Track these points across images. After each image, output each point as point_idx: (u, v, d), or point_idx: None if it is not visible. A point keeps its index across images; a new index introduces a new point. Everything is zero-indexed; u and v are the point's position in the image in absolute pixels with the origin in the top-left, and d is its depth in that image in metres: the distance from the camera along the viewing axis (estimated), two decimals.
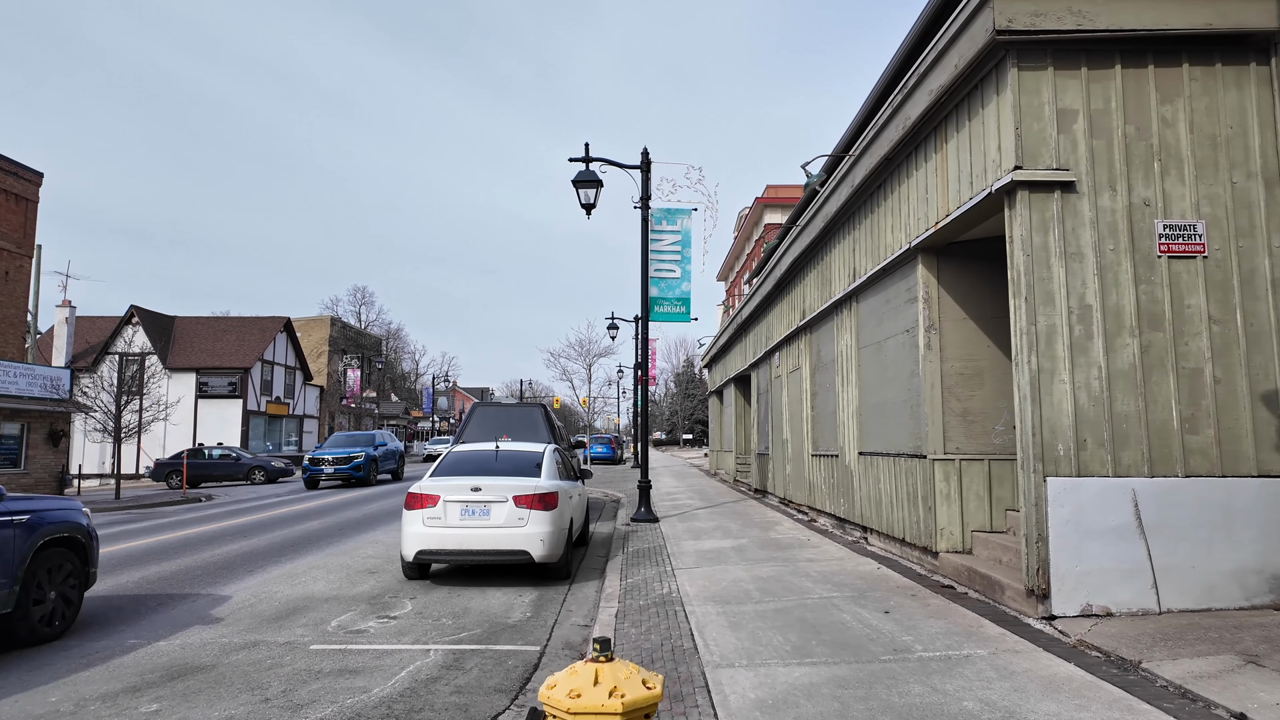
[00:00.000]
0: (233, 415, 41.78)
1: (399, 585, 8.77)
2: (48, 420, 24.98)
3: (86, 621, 7.13)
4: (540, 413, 14.92)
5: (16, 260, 24.62)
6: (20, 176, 24.71)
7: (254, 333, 44.84)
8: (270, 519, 16.06)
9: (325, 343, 54.05)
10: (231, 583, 8.99)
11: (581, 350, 52.49)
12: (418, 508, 8.64)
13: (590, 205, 13.74)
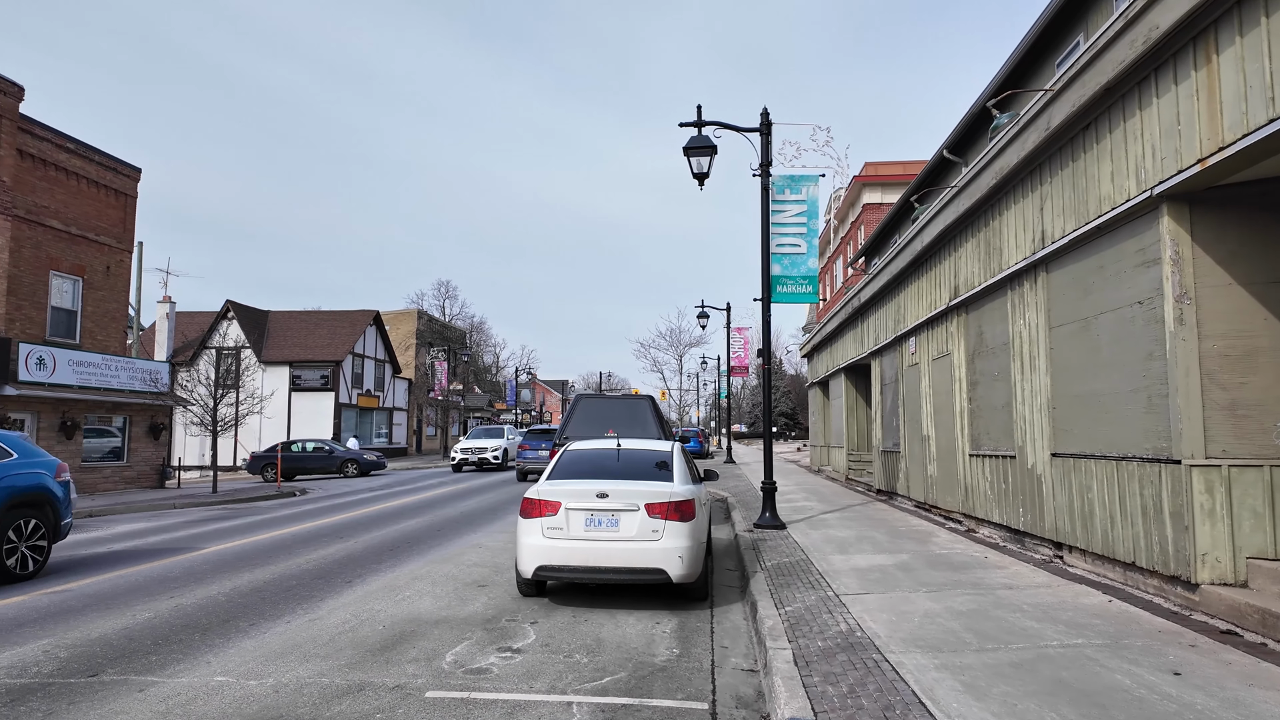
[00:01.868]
0: (325, 408, 42.22)
1: (514, 604, 7.61)
2: (149, 413, 25.24)
3: (170, 645, 6.19)
4: (648, 405, 13.66)
5: (117, 255, 24.90)
6: (119, 172, 24.95)
7: (344, 326, 45.26)
8: (366, 517, 15.34)
9: (413, 336, 54.40)
10: (329, 596, 8.01)
11: (672, 340, 50.94)
12: (535, 515, 7.45)
13: (704, 174, 12.36)
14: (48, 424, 21.46)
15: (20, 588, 8.78)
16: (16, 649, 6.18)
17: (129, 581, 8.98)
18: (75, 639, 6.45)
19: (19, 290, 21.00)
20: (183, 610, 7.45)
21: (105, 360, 23.10)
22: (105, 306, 24.39)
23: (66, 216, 22.81)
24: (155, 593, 8.30)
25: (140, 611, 7.41)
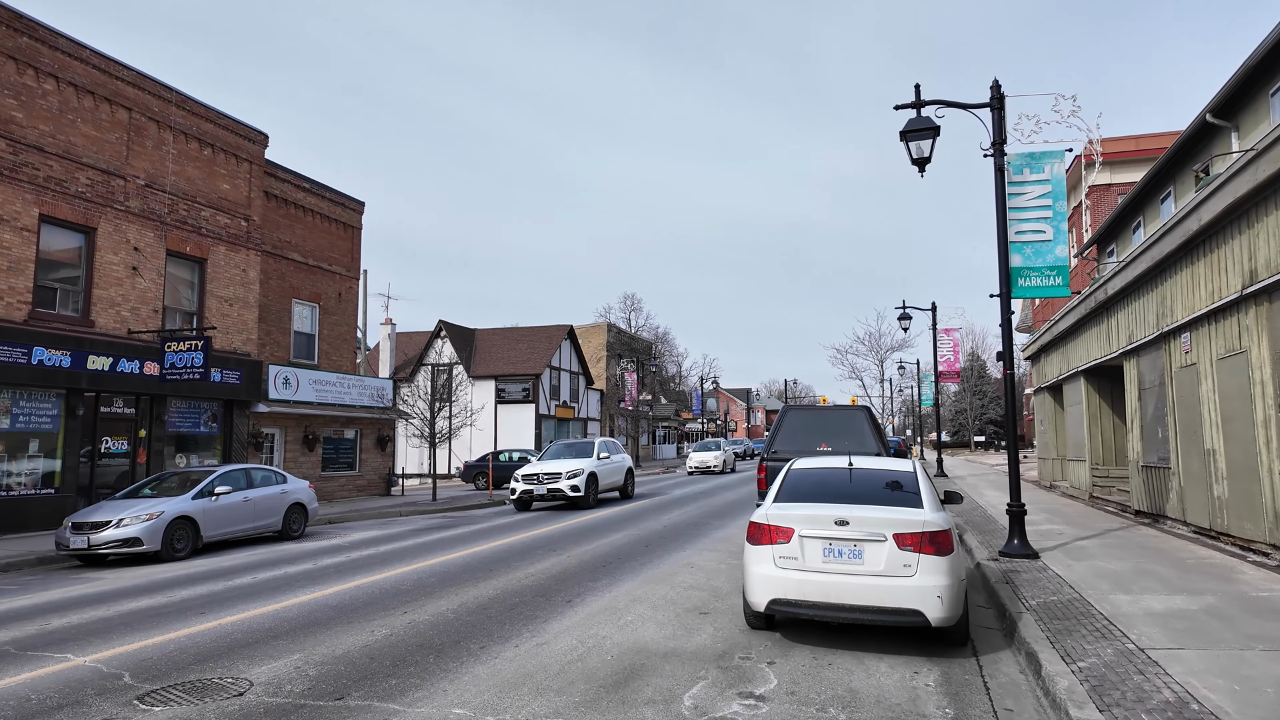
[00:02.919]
0: (526, 419, 44.20)
1: (744, 638, 6.99)
2: (376, 426, 27.40)
3: (407, 667, 6.16)
4: (865, 416, 12.59)
5: (346, 282, 27.31)
6: (346, 206, 27.39)
7: (542, 341, 47.27)
8: (573, 529, 15.42)
9: (603, 348, 55.88)
10: (552, 618, 7.80)
11: (871, 345, 47.73)
12: (765, 542, 6.79)
13: (925, 159, 11.18)
14: (293, 437, 23.81)
15: (278, 594, 9.38)
16: (273, 663, 6.41)
17: (366, 593, 9.33)
18: (322, 655, 6.61)
19: (268, 317, 23.49)
20: (416, 628, 7.52)
21: (339, 379, 25.33)
22: (337, 330, 26.79)
23: (304, 249, 25.31)
24: (390, 607, 8.52)
25: (378, 627, 7.56)
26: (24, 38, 16.37)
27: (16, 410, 16.17)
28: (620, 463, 22.07)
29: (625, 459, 22.69)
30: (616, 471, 21.70)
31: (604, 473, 20.73)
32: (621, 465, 22.19)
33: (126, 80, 18.54)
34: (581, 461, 20.07)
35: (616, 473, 21.68)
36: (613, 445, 22.30)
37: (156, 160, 19.29)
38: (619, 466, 21.92)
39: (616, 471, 21.70)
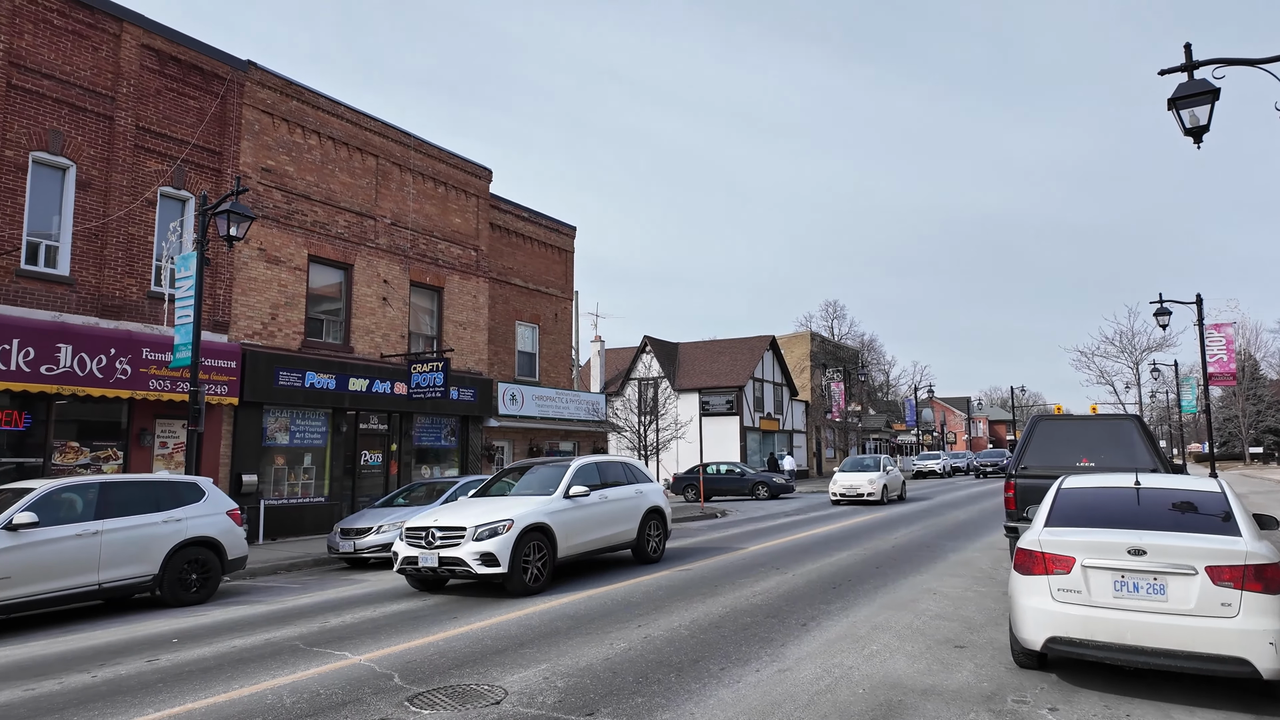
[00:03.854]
0: (731, 431, 44.07)
1: (1012, 677, 6.22)
2: (591, 439, 28.47)
3: (650, 684, 6.08)
4: (1135, 427, 11.02)
5: (561, 304, 28.71)
6: (560, 232, 28.84)
7: (744, 353, 47.01)
8: (793, 545, 14.92)
9: (806, 358, 54.55)
10: (790, 642, 7.44)
11: (1123, 345, 41.93)
12: (1039, 572, 6.00)
13: (1201, 128, 9.63)
14: (520, 449, 25.31)
15: (518, 602, 9.80)
16: (523, 671, 6.60)
17: (598, 604, 9.50)
18: (567, 666, 6.72)
19: (495, 339, 25.21)
20: (652, 643, 7.47)
21: (558, 394, 26.62)
22: (555, 348, 28.22)
23: (525, 274, 26.94)
24: (623, 619, 8.58)
25: (616, 640, 7.60)
26: (293, 101, 18.82)
27: (294, 428, 18.50)
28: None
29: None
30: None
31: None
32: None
33: (374, 130, 20.76)
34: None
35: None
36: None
37: (400, 200, 21.40)
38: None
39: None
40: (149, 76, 16.03)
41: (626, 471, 13.31)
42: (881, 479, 25.55)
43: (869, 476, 25.57)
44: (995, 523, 18.76)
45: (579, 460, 12.20)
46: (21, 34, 14.16)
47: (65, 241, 14.62)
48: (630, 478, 13.21)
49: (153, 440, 15.52)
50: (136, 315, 15.44)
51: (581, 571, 12.30)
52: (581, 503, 11.46)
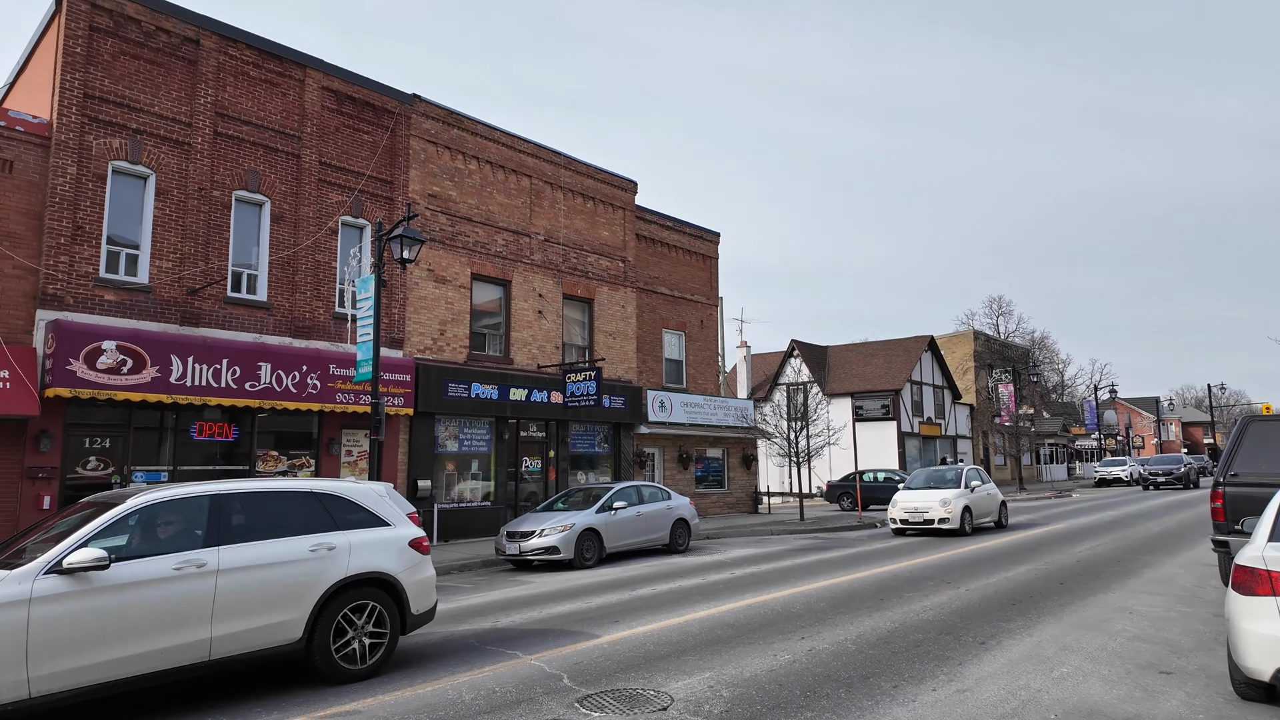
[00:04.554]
0: (887, 437, 42.35)
1: (1233, 710, 5.54)
2: (741, 446, 28.25)
3: (818, 700, 5.90)
4: None
5: (706, 310, 28.73)
6: (704, 239, 28.90)
7: (899, 355, 45.08)
8: (964, 558, 14.08)
9: (970, 358, 51.50)
10: (968, 661, 7.00)
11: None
12: (1264, 593, 5.31)
13: None
14: (669, 456, 25.53)
15: (677, 607, 9.86)
16: (688, 679, 6.61)
17: (758, 613, 9.36)
18: (732, 676, 6.66)
19: (643, 348, 25.59)
20: (818, 656, 7.26)
21: (706, 400, 26.64)
22: (701, 355, 28.27)
23: (670, 282, 27.20)
24: (785, 630, 8.41)
25: (779, 651, 7.46)
26: (454, 129, 20.02)
27: (462, 436, 19.59)
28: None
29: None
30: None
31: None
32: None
33: (527, 152, 21.70)
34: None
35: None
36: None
37: (552, 217, 22.23)
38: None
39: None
40: (329, 115, 17.58)
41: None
42: (961, 499, 18.29)
43: (942, 496, 18.30)
44: (1194, 536, 16.87)
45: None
46: (224, 86, 15.95)
47: (263, 270, 16.27)
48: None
49: (340, 449, 16.93)
50: (323, 335, 16.93)
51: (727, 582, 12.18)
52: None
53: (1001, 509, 20.16)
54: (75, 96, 13.94)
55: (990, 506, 19.63)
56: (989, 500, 19.60)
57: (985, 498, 19.41)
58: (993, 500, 19.80)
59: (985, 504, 19.36)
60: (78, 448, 13.64)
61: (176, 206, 15.06)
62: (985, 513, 19.36)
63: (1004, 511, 20.28)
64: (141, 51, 14.85)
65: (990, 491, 19.77)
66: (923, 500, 18.38)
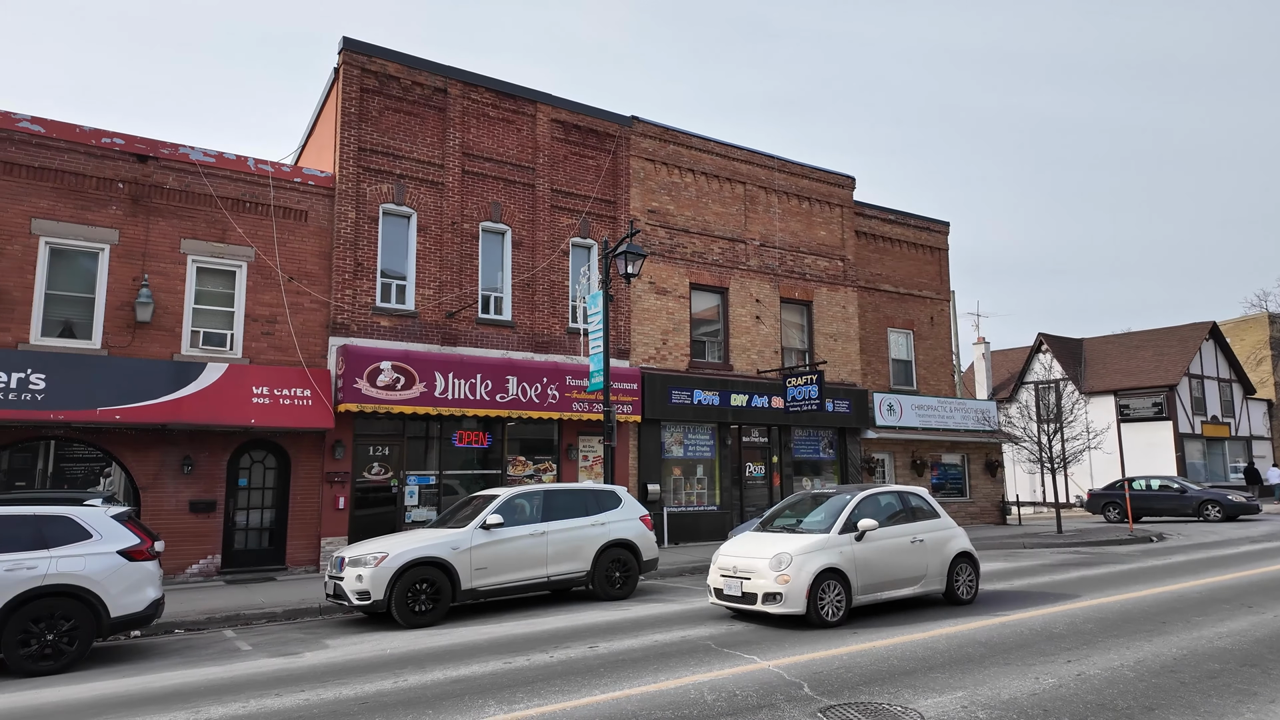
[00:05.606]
0: (1161, 439, 37.20)
1: None
2: (983, 451, 26.22)
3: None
4: None
5: (937, 306, 27.04)
6: (931, 230, 27.26)
7: (1172, 345, 39.47)
8: (1268, 578, 12.01)
9: (1265, 345, 43.84)
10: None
11: None
12: None
13: None
14: (901, 463, 24.31)
15: (920, 623, 9.36)
16: (937, 697, 6.25)
17: (1014, 631, 8.64)
18: (987, 697, 6.20)
19: (867, 349, 24.65)
20: (1089, 682, 6.55)
21: (939, 403, 25.06)
22: (932, 354, 26.65)
23: (894, 279, 25.97)
24: (1048, 651, 7.67)
25: (1042, 674, 6.83)
26: (670, 145, 20.65)
27: (687, 441, 20.07)
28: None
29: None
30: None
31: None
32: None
33: (740, 159, 21.84)
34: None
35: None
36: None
37: (766, 221, 22.16)
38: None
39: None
40: (557, 145, 18.88)
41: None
42: (818, 555, 9.46)
43: (779, 550, 9.52)
44: None
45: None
46: (469, 128, 17.69)
47: (506, 292, 17.79)
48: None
49: (577, 454, 18.04)
50: (559, 348, 18.16)
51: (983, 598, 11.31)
52: None
53: (959, 568, 10.74)
54: (352, 150, 16.17)
55: (909, 565, 10.28)
56: (905, 555, 10.25)
57: (892, 550, 10.14)
58: (918, 554, 10.38)
59: (891, 561, 10.09)
60: (364, 455, 15.74)
61: (434, 240, 16.93)
62: (893, 577, 10.09)
63: (964, 573, 10.78)
64: (401, 105, 16.90)
65: (911, 538, 10.41)
66: (747, 556, 9.72)
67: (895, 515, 10.47)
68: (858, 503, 10.18)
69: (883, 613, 10.10)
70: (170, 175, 14.53)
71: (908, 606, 10.51)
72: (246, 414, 13.82)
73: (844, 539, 9.67)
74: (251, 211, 15.24)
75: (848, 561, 9.53)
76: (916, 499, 10.95)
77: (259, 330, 15.05)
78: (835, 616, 9.19)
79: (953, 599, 10.58)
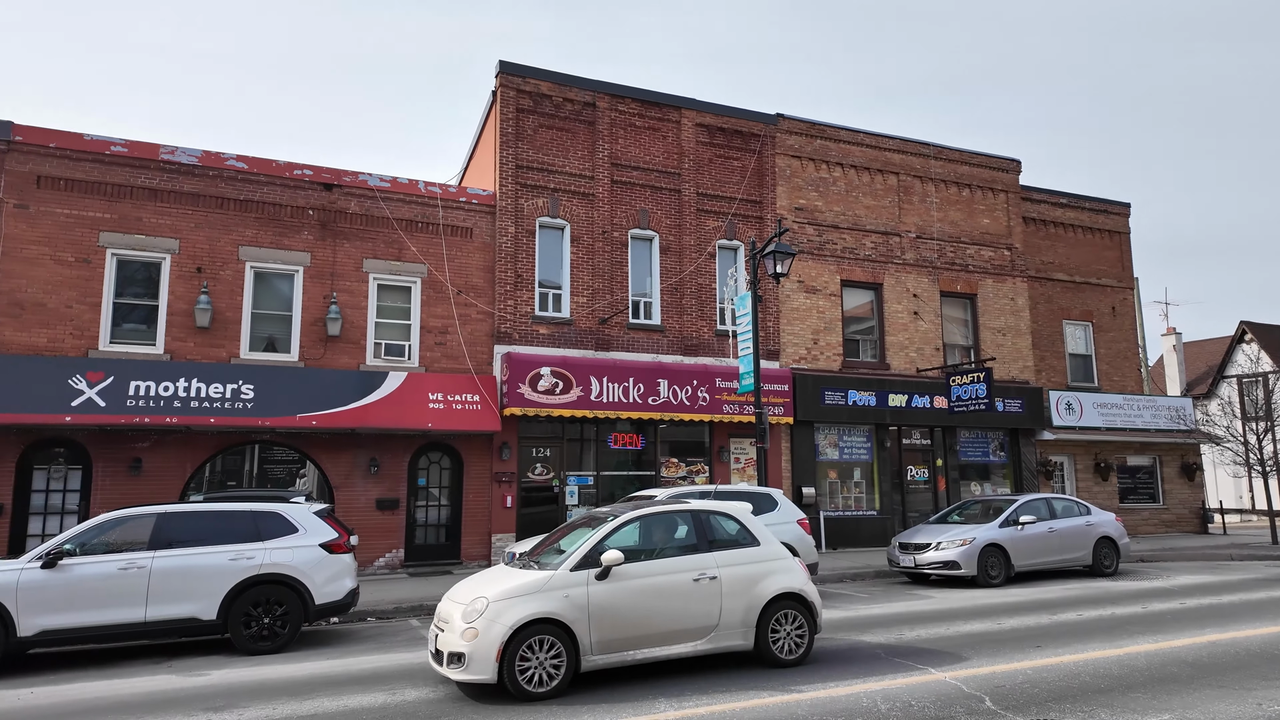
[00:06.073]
0: None
1: None
2: (1178, 452, 23.77)
3: None
4: None
5: (1119, 295, 24.79)
6: (1109, 213, 25.03)
7: None
8: None
9: None
10: None
11: None
12: None
13: None
14: (1083, 465, 22.47)
15: (1112, 637, 8.64)
16: (1135, 717, 5.74)
17: (1224, 652, 7.78)
18: None
19: (1040, 343, 22.97)
20: None
21: (1125, 400, 22.96)
22: (1115, 347, 24.46)
23: (1068, 267, 24.06)
24: (1270, 676, 6.85)
25: (1267, 700, 6.11)
26: (817, 140, 20.22)
27: (841, 443, 19.53)
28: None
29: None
30: None
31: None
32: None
33: (891, 149, 21.03)
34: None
35: None
36: None
37: (922, 212, 21.20)
38: None
39: None
40: (702, 149, 18.97)
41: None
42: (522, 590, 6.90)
43: (478, 593, 7.04)
44: None
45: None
46: (617, 139, 18.13)
47: (655, 297, 18.07)
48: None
49: (729, 456, 18.02)
50: (708, 351, 18.22)
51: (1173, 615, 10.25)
52: None
53: (781, 616, 7.64)
54: (510, 168, 17.01)
55: (688, 612, 7.28)
56: (680, 599, 7.27)
57: (659, 592, 7.20)
58: (704, 597, 7.35)
59: (654, 608, 7.15)
60: (527, 456, 16.48)
61: (586, 249, 17.48)
62: (659, 629, 7.14)
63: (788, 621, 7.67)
64: (553, 121, 17.59)
65: (696, 575, 7.39)
66: (452, 599, 7.27)
67: (678, 545, 7.58)
68: (614, 529, 7.36)
69: (1077, 633, 9.38)
70: (352, 201, 15.88)
71: (1107, 622, 9.70)
72: (424, 418, 14.85)
73: (577, 578, 6.90)
74: (423, 231, 16.38)
75: (575, 609, 6.76)
76: (723, 521, 7.89)
77: (432, 341, 16.13)
78: (545, 687, 6.54)
79: (766, 658, 7.43)
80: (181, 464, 14.15)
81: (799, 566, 7.95)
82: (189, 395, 13.56)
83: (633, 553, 7.28)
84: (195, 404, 13.53)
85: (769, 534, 8.04)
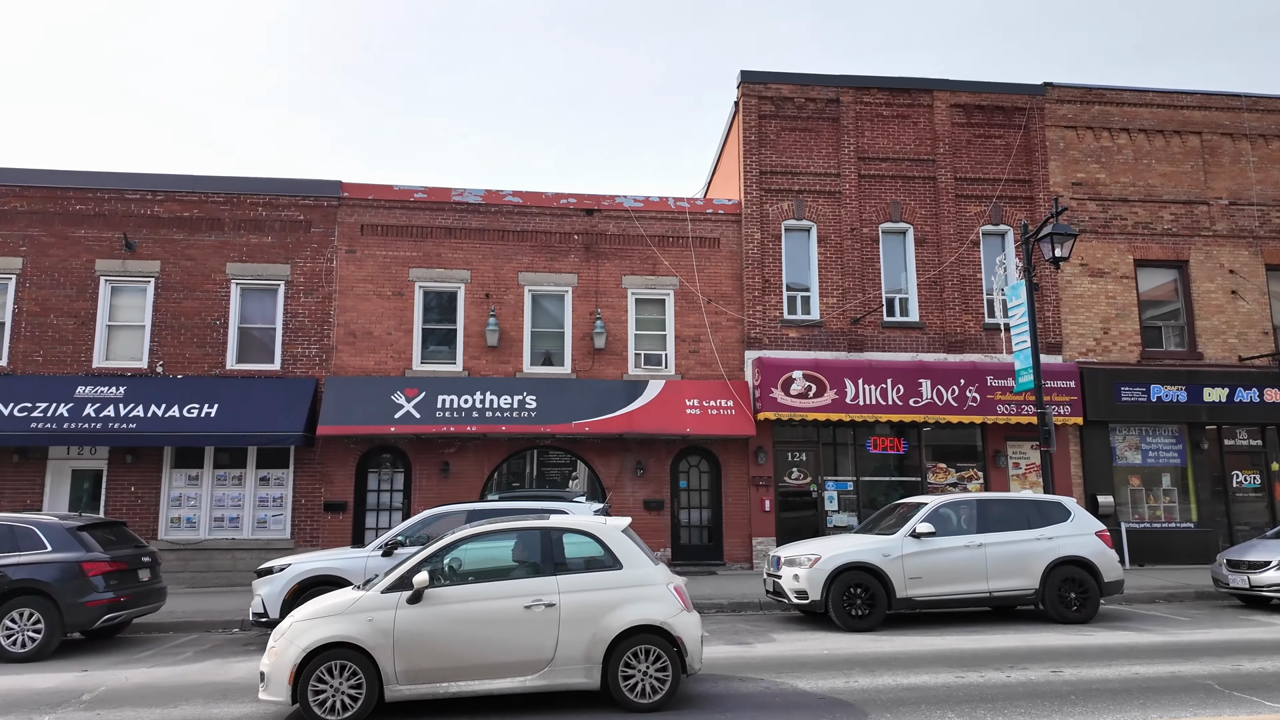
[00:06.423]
0: None
1: None
2: None
3: None
4: None
5: None
6: None
7: None
8: None
9: None
10: None
11: None
12: None
13: None
14: None
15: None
16: None
17: None
18: None
19: None
20: None
21: None
22: None
23: None
24: None
25: None
26: (1095, 106, 18.04)
27: (1144, 446, 17.15)
28: None
29: None
30: None
31: None
32: None
33: (1191, 105, 18.18)
34: None
35: None
36: None
37: (1236, 175, 18.08)
38: None
39: None
40: (958, 131, 17.75)
41: None
42: (324, 613, 6.44)
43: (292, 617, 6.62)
44: None
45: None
46: (862, 133, 17.56)
47: (912, 292, 17.19)
48: None
49: (1006, 461, 16.60)
50: (975, 347, 16.95)
51: None
52: None
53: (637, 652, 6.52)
54: (754, 175, 17.15)
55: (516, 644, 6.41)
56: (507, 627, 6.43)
57: (482, 619, 6.42)
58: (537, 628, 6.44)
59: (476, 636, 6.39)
60: (783, 460, 16.45)
61: (833, 248, 17.11)
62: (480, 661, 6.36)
63: (645, 659, 6.52)
64: (795, 123, 17.46)
65: (529, 601, 6.48)
66: None
67: (519, 567, 6.72)
68: (442, 548, 6.68)
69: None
70: (610, 222, 16.95)
71: None
72: (682, 424, 15.42)
73: (386, 600, 6.35)
74: (673, 245, 17.04)
75: (379, 634, 6.22)
76: (579, 541, 6.86)
77: (686, 349, 16.71)
78: (339, 715, 6.10)
79: (617, 699, 6.43)
80: (480, 466, 15.96)
81: (669, 595, 6.64)
82: (484, 406, 15.28)
83: (461, 575, 6.57)
84: (490, 414, 15.21)
85: (642, 558, 6.80)
